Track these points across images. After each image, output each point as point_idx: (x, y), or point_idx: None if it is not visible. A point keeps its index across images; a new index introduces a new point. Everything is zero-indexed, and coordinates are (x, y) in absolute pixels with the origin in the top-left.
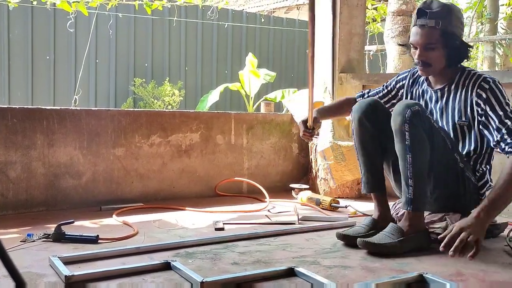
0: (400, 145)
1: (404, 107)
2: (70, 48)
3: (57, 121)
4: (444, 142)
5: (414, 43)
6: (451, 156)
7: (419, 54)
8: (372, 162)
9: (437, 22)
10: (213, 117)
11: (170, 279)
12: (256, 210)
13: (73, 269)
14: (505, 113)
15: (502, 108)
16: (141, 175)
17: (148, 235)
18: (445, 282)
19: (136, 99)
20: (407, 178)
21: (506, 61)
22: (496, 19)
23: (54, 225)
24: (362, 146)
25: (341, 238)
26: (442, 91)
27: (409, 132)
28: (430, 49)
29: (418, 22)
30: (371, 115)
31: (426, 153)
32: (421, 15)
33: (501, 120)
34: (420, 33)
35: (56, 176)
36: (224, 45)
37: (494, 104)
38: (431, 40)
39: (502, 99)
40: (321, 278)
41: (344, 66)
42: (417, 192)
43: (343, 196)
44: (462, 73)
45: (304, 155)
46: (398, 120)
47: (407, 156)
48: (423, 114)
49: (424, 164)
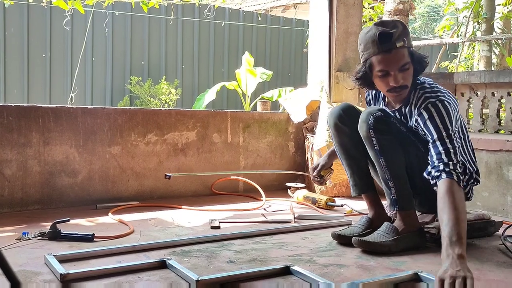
0: (371, 151)
1: (367, 114)
2: (66, 46)
3: (53, 119)
4: (415, 144)
5: (388, 69)
6: (424, 157)
7: (396, 78)
8: (356, 164)
9: (403, 41)
10: (209, 115)
11: (166, 278)
12: (252, 208)
13: (69, 267)
14: (447, 132)
15: (445, 127)
16: (137, 173)
17: (144, 234)
18: None
19: (132, 97)
20: (387, 180)
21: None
22: (493, 18)
23: (49, 224)
24: (343, 150)
25: (336, 238)
26: (399, 112)
27: (375, 138)
28: (405, 70)
29: (384, 48)
30: (345, 119)
31: (398, 154)
32: (385, 40)
33: (440, 137)
34: (391, 57)
35: (51, 174)
36: (221, 43)
37: (435, 119)
38: (405, 60)
39: (446, 118)
40: (316, 277)
41: (340, 65)
42: (399, 192)
43: (339, 195)
44: (415, 92)
45: (300, 154)
46: (364, 128)
47: (380, 160)
48: (387, 119)
49: (399, 165)
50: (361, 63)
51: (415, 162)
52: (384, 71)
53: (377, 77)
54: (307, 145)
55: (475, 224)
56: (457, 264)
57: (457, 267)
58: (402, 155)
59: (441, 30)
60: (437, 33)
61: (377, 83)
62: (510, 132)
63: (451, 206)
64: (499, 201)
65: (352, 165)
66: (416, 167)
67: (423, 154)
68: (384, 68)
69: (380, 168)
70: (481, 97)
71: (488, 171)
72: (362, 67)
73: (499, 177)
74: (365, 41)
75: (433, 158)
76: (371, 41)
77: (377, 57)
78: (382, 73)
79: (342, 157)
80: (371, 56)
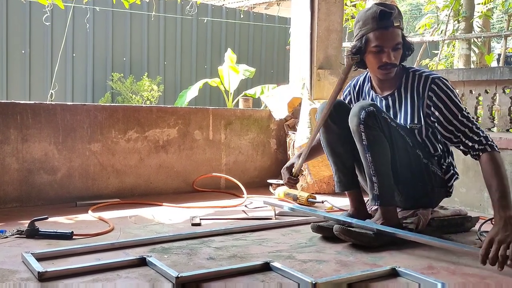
0: (359, 145)
1: (359, 108)
2: (46, 42)
3: (31, 115)
4: (404, 139)
5: (383, 45)
6: (413, 153)
7: (389, 56)
8: (342, 161)
9: (399, 22)
10: (190, 112)
11: (145, 275)
12: (234, 205)
13: (47, 266)
14: (461, 112)
15: (457, 107)
16: (118, 170)
17: (124, 231)
18: (417, 275)
19: (114, 94)
20: (371, 175)
21: (482, 59)
22: (472, 17)
23: (27, 221)
24: (330, 147)
25: (316, 229)
26: (392, 97)
27: (365, 133)
28: (397, 49)
29: (382, 24)
30: (334, 116)
31: (385, 151)
32: (384, 17)
33: (459, 120)
34: (389, 34)
35: (30, 171)
36: (204, 40)
37: (449, 105)
38: (399, 39)
39: (455, 98)
40: (295, 272)
41: (322, 62)
42: (382, 187)
43: (320, 192)
44: (408, 75)
45: (282, 151)
46: (354, 121)
47: (367, 156)
48: (378, 115)
49: (385, 161)
50: (357, 41)
51: (404, 157)
52: (379, 47)
53: (370, 53)
54: (289, 142)
55: (452, 219)
56: (508, 228)
57: (507, 231)
58: (389, 152)
59: (421, 28)
60: (418, 31)
61: (369, 60)
62: (488, 129)
63: (498, 175)
64: (476, 197)
65: (338, 163)
66: (405, 162)
67: (412, 149)
68: (380, 44)
69: (366, 163)
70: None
71: (466, 168)
72: (357, 43)
73: (477, 174)
74: (364, 17)
75: (464, 131)
76: (371, 17)
77: (374, 33)
78: (377, 48)
79: (329, 153)
80: (369, 32)
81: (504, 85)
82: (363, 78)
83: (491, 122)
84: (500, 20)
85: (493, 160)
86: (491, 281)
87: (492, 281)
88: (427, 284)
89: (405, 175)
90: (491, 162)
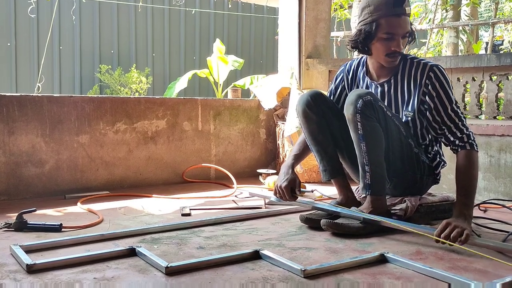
0: (354, 134)
1: (356, 97)
2: (32, 34)
3: (17, 108)
4: (398, 129)
5: (394, 32)
6: (406, 142)
7: (398, 44)
8: (325, 150)
9: (410, 10)
10: (179, 103)
11: (135, 265)
12: (224, 196)
13: (35, 258)
14: (451, 105)
15: (449, 100)
16: (107, 162)
17: (114, 222)
18: (406, 261)
19: (102, 86)
20: (364, 164)
21: (469, 47)
22: (460, 5)
23: (16, 214)
24: (312, 137)
25: (304, 221)
26: (388, 83)
27: (361, 122)
28: (405, 38)
29: (396, 11)
30: (313, 106)
31: (380, 141)
32: (398, 4)
33: (447, 113)
34: (401, 22)
35: (17, 164)
36: (192, 31)
37: (442, 96)
38: (409, 28)
39: (449, 90)
40: (285, 260)
41: (310, 51)
42: (374, 177)
43: (310, 181)
44: (405, 62)
45: (271, 141)
46: (350, 110)
47: (361, 145)
48: (375, 104)
49: (379, 151)
50: (358, 28)
51: (397, 146)
52: (390, 34)
53: (380, 40)
54: (278, 132)
55: (440, 205)
56: (465, 222)
57: (463, 223)
58: (383, 142)
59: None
60: None
61: (377, 47)
62: (475, 117)
63: (470, 174)
64: None
65: (321, 151)
66: (398, 151)
67: (405, 139)
68: (391, 31)
69: (359, 152)
70: None
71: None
72: (366, 27)
73: None
74: (377, 2)
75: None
76: (385, 2)
77: (387, 19)
78: (388, 35)
79: (311, 143)
80: (380, 18)
81: (491, 72)
82: (357, 63)
83: (479, 109)
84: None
85: (469, 158)
86: (479, 265)
87: (479, 265)
88: (415, 269)
89: (396, 164)
90: (466, 160)
